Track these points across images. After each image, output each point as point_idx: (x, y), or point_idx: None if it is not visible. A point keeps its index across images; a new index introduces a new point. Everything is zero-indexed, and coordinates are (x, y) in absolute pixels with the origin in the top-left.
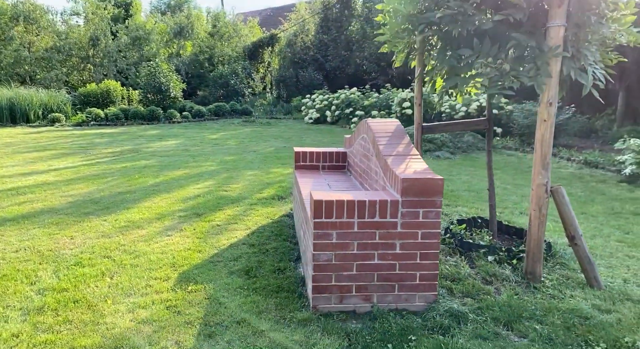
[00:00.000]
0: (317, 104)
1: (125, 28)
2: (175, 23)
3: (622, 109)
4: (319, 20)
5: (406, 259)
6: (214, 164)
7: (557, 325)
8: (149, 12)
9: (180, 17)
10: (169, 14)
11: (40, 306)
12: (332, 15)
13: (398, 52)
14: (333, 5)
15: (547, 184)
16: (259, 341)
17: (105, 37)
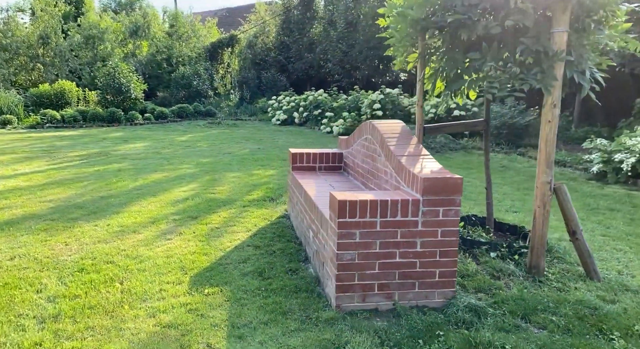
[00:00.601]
0: (284, 106)
1: (78, 26)
2: (130, 22)
3: (579, 111)
4: (280, 22)
5: (426, 257)
6: (191, 166)
7: (570, 316)
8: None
9: (136, 16)
10: (123, 12)
11: (55, 314)
12: (293, 17)
13: (398, 55)
14: (294, 7)
15: (551, 182)
16: (291, 341)
17: (57, 35)
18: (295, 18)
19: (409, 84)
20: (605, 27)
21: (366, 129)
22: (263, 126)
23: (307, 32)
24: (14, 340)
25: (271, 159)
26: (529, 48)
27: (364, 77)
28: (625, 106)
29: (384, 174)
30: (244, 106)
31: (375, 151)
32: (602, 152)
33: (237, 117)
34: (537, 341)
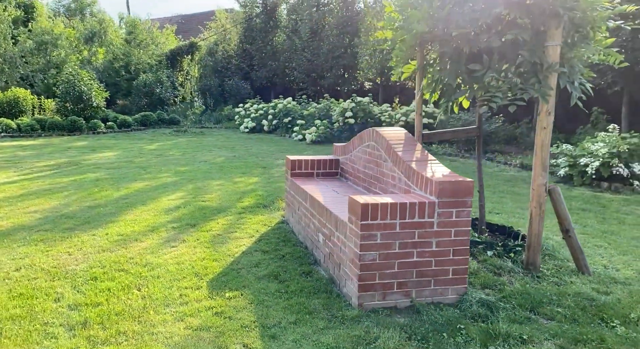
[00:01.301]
0: (252, 113)
1: (29, 31)
2: (85, 28)
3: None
4: (242, 30)
5: (441, 256)
6: (170, 174)
7: (572, 307)
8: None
9: (92, 22)
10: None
11: (82, 321)
12: (256, 25)
13: (396, 67)
14: (256, 15)
15: (546, 184)
16: (323, 339)
17: (6, 41)
18: (258, 26)
19: (374, 93)
20: (591, 41)
21: (369, 137)
22: (231, 134)
23: (270, 40)
24: (48, 348)
25: (250, 166)
26: (527, 60)
27: (329, 85)
28: (582, 114)
29: (390, 178)
30: (208, 114)
31: (381, 157)
32: (568, 157)
33: (202, 125)
34: (549, 331)
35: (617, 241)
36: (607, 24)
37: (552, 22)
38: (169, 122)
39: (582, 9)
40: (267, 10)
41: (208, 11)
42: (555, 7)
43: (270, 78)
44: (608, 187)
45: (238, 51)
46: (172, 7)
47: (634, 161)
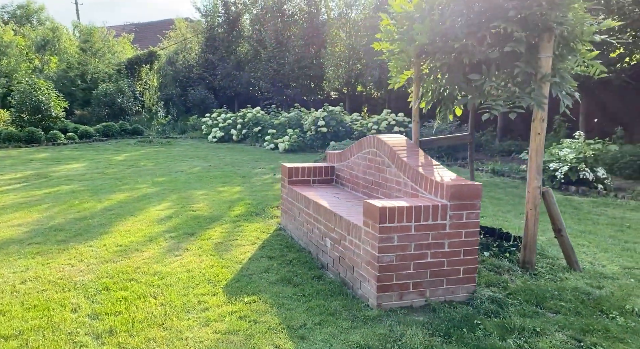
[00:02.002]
0: (220, 123)
1: None
2: (37, 36)
3: (501, 127)
4: (203, 39)
5: (453, 256)
6: (149, 185)
7: (573, 301)
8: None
9: (44, 30)
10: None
11: (108, 329)
12: (218, 35)
13: (394, 77)
14: (219, 25)
15: (540, 187)
16: (351, 338)
17: None
18: (220, 36)
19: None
20: (577, 54)
21: (369, 144)
22: (200, 144)
23: (234, 50)
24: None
25: (228, 176)
26: (523, 70)
27: (296, 95)
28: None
29: (395, 183)
30: (172, 124)
31: (383, 163)
32: None
33: (167, 136)
34: (558, 323)
35: (597, 240)
36: (594, 38)
37: (545, 35)
38: (132, 133)
39: (571, 24)
40: (230, 20)
41: (165, 20)
42: (547, 22)
43: (234, 88)
44: (576, 190)
45: (200, 61)
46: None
47: (598, 165)
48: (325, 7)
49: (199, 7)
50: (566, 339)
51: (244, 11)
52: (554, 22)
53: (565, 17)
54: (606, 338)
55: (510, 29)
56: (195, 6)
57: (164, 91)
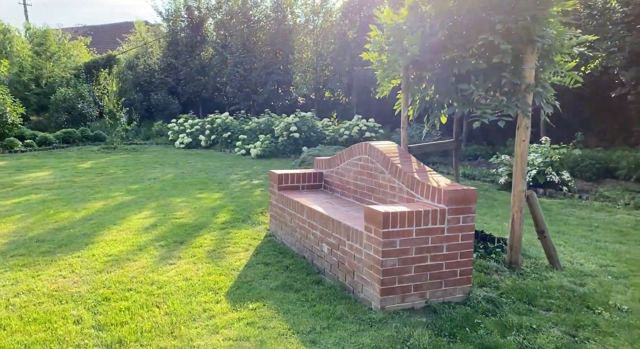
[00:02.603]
0: (187, 129)
1: None
2: None
3: (467, 132)
4: (166, 43)
5: (450, 259)
6: (124, 193)
7: (561, 298)
8: None
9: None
10: None
11: (116, 340)
12: (181, 39)
13: (381, 85)
14: (181, 30)
15: (525, 190)
16: (361, 340)
17: None
18: (184, 41)
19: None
20: (557, 65)
21: (360, 150)
22: (167, 150)
23: (198, 55)
24: None
25: (204, 183)
26: (509, 80)
27: (263, 100)
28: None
29: (389, 189)
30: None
31: (376, 169)
32: (507, 166)
33: (130, 142)
34: (551, 320)
35: (571, 240)
36: (574, 51)
37: (528, 48)
38: (94, 139)
39: (552, 37)
40: (193, 25)
41: (122, 23)
42: (531, 35)
43: (199, 93)
44: (543, 192)
45: (162, 65)
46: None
47: (563, 169)
48: (291, 13)
49: (160, 11)
50: (561, 335)
51: (208, 16)
52: (537, 36)
53: (546, 31)
54: (597, 332)
55: (497, 41)
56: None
57: (125, 96)
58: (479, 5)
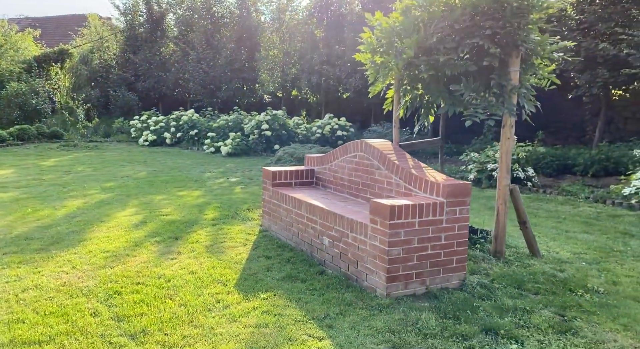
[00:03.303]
0: (151, 126)
1: None
2: None
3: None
4: (123, 38)
5: (448, 248)
6: (100, 191)
7: (546, 283)
8: None
9: None
10: None
11: (140, 330)
12: (140, 34)
13: (375, 85)
14: (140, 24)
15: (509, 185)
16: (374, 324)
17: None
18: (143, 36)
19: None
20: (536, 68)
21: (356, 148)
22: (131, 148)
23: (158, 50)
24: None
25: (180, 180)
26: (497, 82)
27: (228, 97)
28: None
29: (386, 184)
30: (94, 127)
31: (373, 165)
32: (476, 163)
33: (90, 139)
34: (541, 302)
35: (543, 231)
36: (554, 56)
37: (514, 52)
38: (51, 137)
39: (534, 43)
40: (153, 20)
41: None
42: (516, 40)
43: (160, 89)
44: None
45: (119, 61)
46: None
47: (528, 165)
48: (256, 11)
49: (117, 5)
50: (552, 315)
51: (168, 11)
52: (521, 41)
53: (529, 37)
54: (582, 312)
55: (486, 45)
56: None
57: (80, 92)
58: (469, 11)
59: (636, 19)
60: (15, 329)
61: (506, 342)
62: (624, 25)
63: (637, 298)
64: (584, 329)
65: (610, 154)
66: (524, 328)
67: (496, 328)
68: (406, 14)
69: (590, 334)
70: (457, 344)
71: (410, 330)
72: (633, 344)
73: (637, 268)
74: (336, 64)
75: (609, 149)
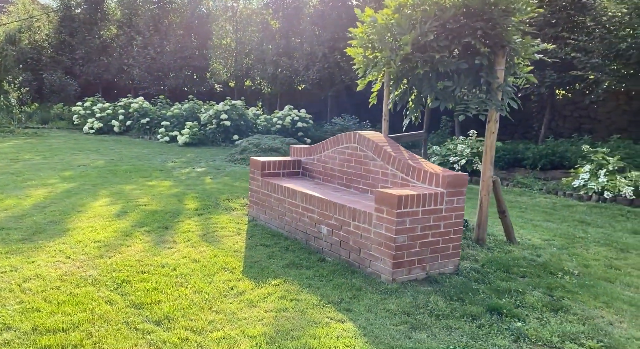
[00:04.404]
0: (97, 113)
1: None
2: None
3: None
4: (57, 19)
5: (446, 235)
6: (60, 180)
7: (529, 266)
8: None
9: None
10: None
11: (163, 316)
12: (77, 16)
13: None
14: (77, 5)
15: (492, 176)
16: (388, 306)
17: None
18: (80, 17)
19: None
20: (517, 67)
21: (348, 139)
22: (77, 136)
23: (98, 33)
24: (156, 340)
25: (144, 170)
26: (486, 80)
27: (177, 86)
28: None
29: (381, 175)
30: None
31: (367, 156)
32: (439, 156)
33: (26, 125)
34: (530, 284)
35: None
36: (535, 56)
37: (500, 52)
38: None
39: (517, 44)
40: (92, 1)
41: None
42: (503, 41)
43: (100, 74)
44: (470, 180)
45: (53, 42)
46: None
47: None
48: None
49: None
50: (542, 295)
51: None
52: (507, 41)
53: (513, 38)
54: (567, 292)
55: (477, 45)
56: None
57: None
58: (461, 12)
59: (580, 25)
60: (33, 318)
61: (510, 320)
62: (569, 30)
63: (608, 278)
64: (573, 307)
65: (555, 149)
66: (521, 308)
67: (499, 308)
68: (399, 11)
69: (579, 311)
70: (469, 324)
71: (422, 312)
72: (618, 319)
73: (600, 252)
74: (293, 56)
75: (555, 145)
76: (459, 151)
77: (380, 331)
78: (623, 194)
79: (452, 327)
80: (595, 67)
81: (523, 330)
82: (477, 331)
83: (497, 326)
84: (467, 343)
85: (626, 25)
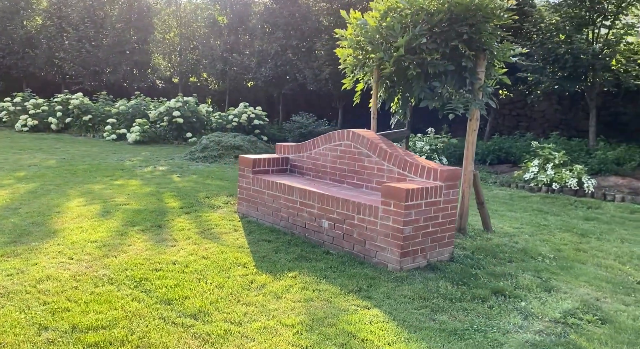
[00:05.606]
0: (31, 110)
1: None
2: None
3: (341, 121)
4: None
5: (443, 225)
6: (16, 181)
7: (511, 252)
8: None
9: None
10: None
11: (197, 310)
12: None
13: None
14: None
15: (472, 171)
16: (402, 292)
17: None
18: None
19: (167, 92)
20: (493, 70)
21: (341, 136)
22: (8, 134)
23: (21, 23)
24: (200, 332)
25: (104, 169)
26: (470, 81)
27: (115, 81)
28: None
29: (377, 170)
30: None
31: (361, 153)
32: None
33: None
34: (519, 268)
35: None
36: (511, 59)
37: (481, 55)
38: None
39: (496, 48)
40: None
41: None
42: (484, 45)
43: (25, 68)
44: None
45: None
46: None
47: (442, 155)
48: None
49: None
50: (532, 277)
51: None
52: (487, 45)
53: (492, 43)
54: (552, 273)
55: (463, 49)
56: None
57: None
58: (446, 17)
59: (523, 31)
60: (67, 317)
61: (515, 300)
62: (513, 34)
63: (580, 261)
64: (562, 287)
65: (502, 145)
66: (519, 289)
67: (501, 290)
68: (387, 15)
69: (568, 290)
70: (481, 305)
71: (436, 296)
72: (602, 295)
73: (566, 237)
74: (244, 53)
75: (501, 141)
76: (418, 147)
77: (405, 315)
78: (569, 185)
79: (467, 309)
80: (536, 70)
81: (528, 309)
82: (489, 311)
83: (505, 306)
84: (485, 323)
85: (561, 32)
